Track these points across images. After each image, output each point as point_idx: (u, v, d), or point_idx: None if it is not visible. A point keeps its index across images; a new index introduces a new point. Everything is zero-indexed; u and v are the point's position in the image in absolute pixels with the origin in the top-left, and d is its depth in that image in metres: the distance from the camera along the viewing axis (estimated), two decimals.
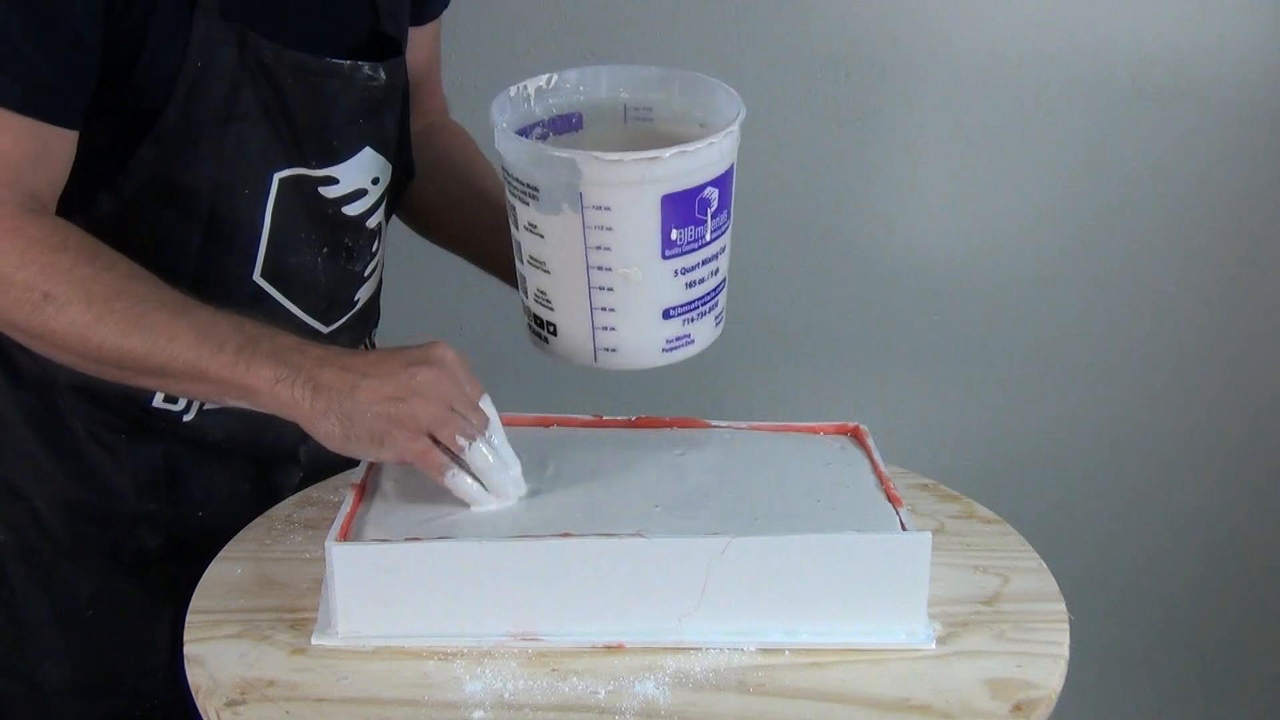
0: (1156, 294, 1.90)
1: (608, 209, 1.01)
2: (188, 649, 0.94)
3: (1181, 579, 2.05)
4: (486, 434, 1.02)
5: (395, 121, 1.21)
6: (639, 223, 1.02)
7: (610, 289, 1.05)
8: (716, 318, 1.12)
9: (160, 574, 1.21)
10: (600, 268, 1.04)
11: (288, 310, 1.20)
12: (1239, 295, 1.91)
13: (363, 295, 1.27)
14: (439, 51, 1.36)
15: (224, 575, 1.03)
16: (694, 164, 1.02)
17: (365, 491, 1.03)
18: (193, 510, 1.22)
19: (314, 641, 0.94)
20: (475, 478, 1.02)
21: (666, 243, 1.04)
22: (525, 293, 1.13)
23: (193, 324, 1.00)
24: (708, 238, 1.06)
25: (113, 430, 1.19)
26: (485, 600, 0.93)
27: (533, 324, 1.13)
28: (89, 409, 1.18)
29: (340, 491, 1.13)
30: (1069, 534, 1.91)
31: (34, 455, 1.19)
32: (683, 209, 1.03)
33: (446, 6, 1.33)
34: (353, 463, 1.13)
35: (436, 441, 1.00)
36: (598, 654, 0.93)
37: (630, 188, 1.01)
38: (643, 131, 1.14)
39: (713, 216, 1.06)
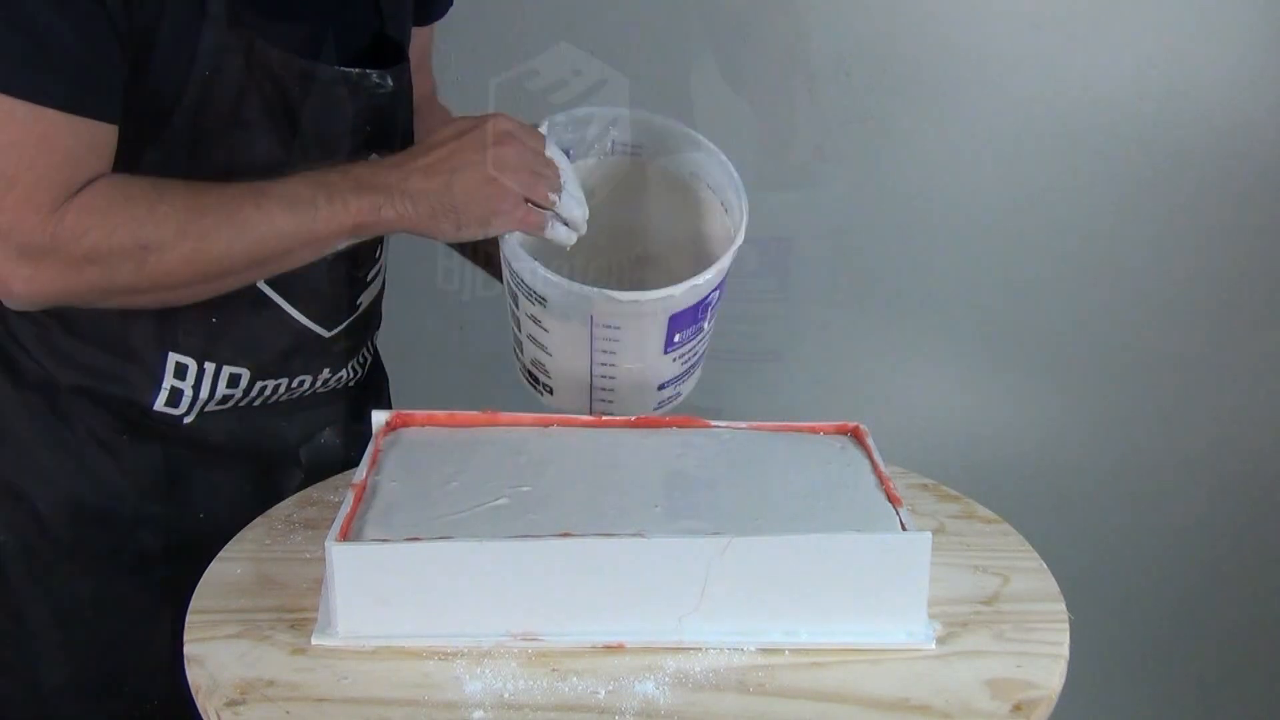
0: (1157, 295, 1.90)
1: (617, 327, 1.05)
2: (188, 649, 0.93)
3: (1182, 579, 2.05)
4: (562, 180, 1.09)
5: (401, 127, 1.21)
6: (646, 336, 1.07)
7: (612, 378, 1.09)
8: (699, 368, 1.15)
9: (160, 574, 1.21)
10: (604, 364, 1.10)
11: (290, 316, 1.20)
12: (1241, 297, 1.91)
13: (365, 299, 1.27)
14: (432, 42, 1.37)
15: (224, 575, 1.03)
16: (702, 288, 1.04)
17: (365, 491, 1.03)
18: (193, 512, 1.22)
19: (314, 641, 0.94)
20: (565, 222, 1.10)
21: (669, 343, 1.08)
22: (521, 352, 1.14)
23: (280, 201, 1.05)
24: (706, 327, 1.09)
25: (114, 432, 1.19)
26: (485, 600, 0.93)
27: (527, 377, 1.15)
28: (90, 411, 1.18)
29: (340, 491, 1.13)
30: (1069, 534, 1.91)
31: (35, 457, 1.19)
32: (687, 318, 1.07)
33: (451, 4, 1.33)
34: (352, 463, 1.13)
35: (528, 201, 1.08)
36: (598, 654, 0.93)
37: (640, 316, 1.03)
38: (627, 164, 1.16)
39: (712, 309, 1.08)
